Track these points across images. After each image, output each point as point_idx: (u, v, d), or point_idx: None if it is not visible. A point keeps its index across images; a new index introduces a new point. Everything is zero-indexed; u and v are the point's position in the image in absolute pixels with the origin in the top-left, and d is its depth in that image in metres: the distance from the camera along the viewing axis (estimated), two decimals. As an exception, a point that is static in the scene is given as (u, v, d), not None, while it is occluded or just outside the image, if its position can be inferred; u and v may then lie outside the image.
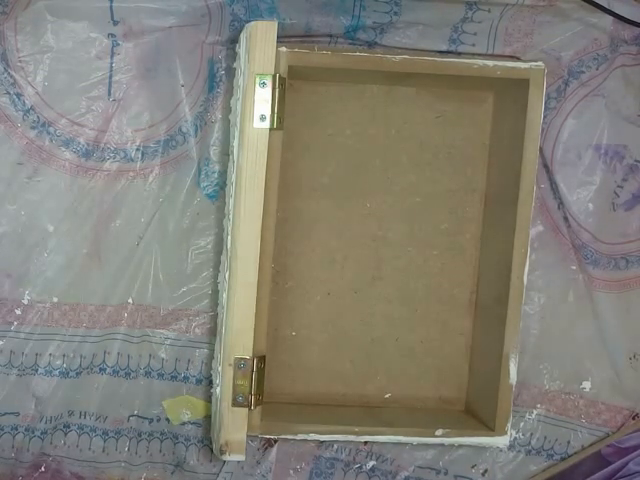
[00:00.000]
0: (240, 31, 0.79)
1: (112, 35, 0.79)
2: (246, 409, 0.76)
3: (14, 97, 0.79)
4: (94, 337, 0.83)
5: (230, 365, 0.76)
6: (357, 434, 0.81)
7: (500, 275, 0.82)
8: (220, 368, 0.78)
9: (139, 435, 0.85)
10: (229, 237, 0.77)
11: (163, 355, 0.84)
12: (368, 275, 0.86)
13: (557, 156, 0.85)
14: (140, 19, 0.79)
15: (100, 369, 0.84)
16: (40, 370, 0.83)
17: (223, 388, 0.76)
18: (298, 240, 0.85)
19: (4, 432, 0.83)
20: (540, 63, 0.79)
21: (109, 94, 0.80)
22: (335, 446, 0.87)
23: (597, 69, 0.84)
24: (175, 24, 0.79)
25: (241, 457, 0.77)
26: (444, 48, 0.83)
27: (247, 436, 0.76)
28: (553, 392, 0.88)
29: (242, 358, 0.76)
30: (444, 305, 0.87)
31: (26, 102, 0.79)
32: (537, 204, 0.85)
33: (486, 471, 0.88)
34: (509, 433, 0.82)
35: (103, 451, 0.85)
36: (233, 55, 0.81)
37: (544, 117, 0.81)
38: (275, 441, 0.87)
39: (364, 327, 0.86)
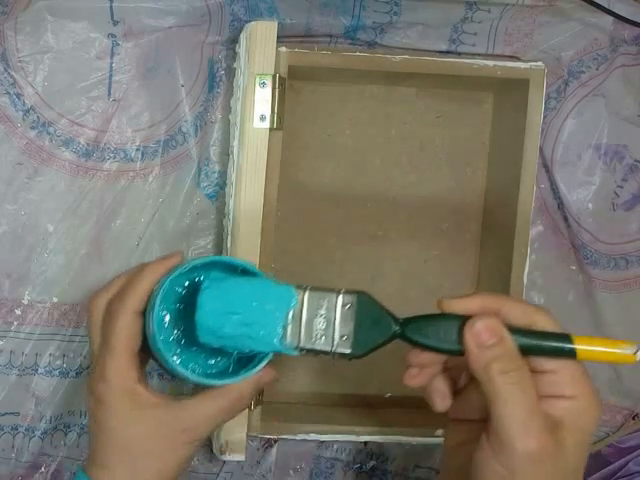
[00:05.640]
0: (240, 31, 0.79)
1: (112, 35, 0.79)
2: (246, 409, 0.76)
3: (14, 97, 0.79)
4: (94, 337, 0.83)
5: (230, 365, 0.76)
6: (357, 434, 0.81)
7: (500, 275, 0.82)
8: (220, 368, 0.78)
9: (139, 435, 0.85)
10: (229, 237, 0.77)
11: (163, 355, 0.84)
12: (368, 275, 0.86)
13: (557, 156, 0.85)
14: (140, 19, 0.78)
15: (100, 369, 0.84)
16: (40, 370, 0.82)
17: (223, 388, 0.76)
18: (298, 240, 0.85)
19: (4, 432, 0.83)
20: (540, 63, 0.79)
21: (109, 94, 0.80)
22: (335, 446, 0.87)
23: (597, 69, 0.84)
24: (175, 24, 0.79)
25: (241, 457, 0.77)
26: (444, 48, 0.83)
27: (247, 436, 0.76)
28: (553, 392, 0.88)
29: (242, 358, 0.75)
30: (444, 305, 0.87)
31: (26, 102, 0.79)
32: (537, 204, 0.85)
33: (486, 471, 0.88)
34: (509, 433, 0.82)
35: (103, 451, 0.85)
36: (233, 55, 0.81)
37: (544, 117, 0.81)
38: (275, 441, 0.86)
39: (364, 327, 0.86)
